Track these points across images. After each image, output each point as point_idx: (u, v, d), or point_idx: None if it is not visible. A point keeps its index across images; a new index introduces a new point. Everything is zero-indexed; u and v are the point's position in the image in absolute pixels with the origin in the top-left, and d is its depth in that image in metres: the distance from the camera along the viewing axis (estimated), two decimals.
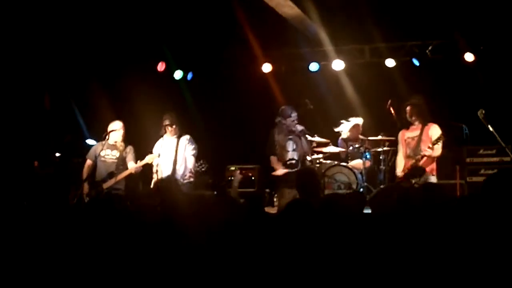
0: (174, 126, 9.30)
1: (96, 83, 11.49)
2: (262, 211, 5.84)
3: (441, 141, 8.28)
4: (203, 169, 9.21)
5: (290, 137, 9.30)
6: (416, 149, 8.50)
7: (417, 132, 8.60)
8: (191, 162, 9.28)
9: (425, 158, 8.38)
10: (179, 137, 9.34)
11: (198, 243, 4.00)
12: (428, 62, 11.03)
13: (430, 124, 8.58)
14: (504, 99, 10.27)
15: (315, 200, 4.85)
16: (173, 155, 9.24)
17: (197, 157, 9.32)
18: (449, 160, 9.68)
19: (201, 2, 10.02)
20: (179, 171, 9.22)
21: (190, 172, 9.14)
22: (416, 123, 8.65)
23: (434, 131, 8.48)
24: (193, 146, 9.36)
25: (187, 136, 9.40)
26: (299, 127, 9.30)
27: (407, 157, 8.65)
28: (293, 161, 9.23)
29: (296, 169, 8.99)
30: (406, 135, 8.74)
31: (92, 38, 11.06)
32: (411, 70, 11.08)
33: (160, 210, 5.19)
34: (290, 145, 9.32)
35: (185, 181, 9.12)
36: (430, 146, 8.27)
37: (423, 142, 8.48)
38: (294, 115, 9.23)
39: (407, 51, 11.21)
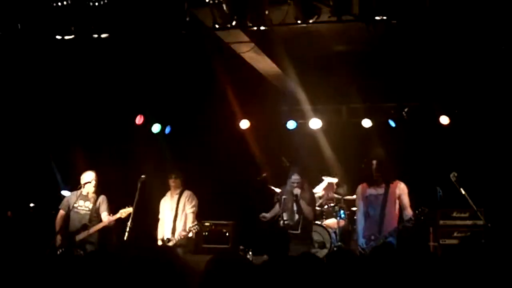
0: (177, 180, 9.59)
1: (72, 134, 11.45)
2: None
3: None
4: (196, 230, 9.28)
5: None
6: (382, 209, 7.79)
7: (381, 190, 7.89)
8: (190, 219, 9.43)
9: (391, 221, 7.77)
10: (180, 193, 9.52)
11: None
12: (404, 123, 11.13)
13: (396, 182, 7.96)
14: (477, 162, 10.38)
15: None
16: (174, 212, 9.46)
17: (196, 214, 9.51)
18: (423, 222, 9.69)
19: (180, 56, 10.09)
20: (178, 227, 9.38)
21: (187, 230, 9.23)
22: (380, 180, 7.95)
23: (401, 189, 7.91)
24: (193, 203, 9.52)
25: (189, 192, 9.59)
26: (296, 191, 8.59)
27: (369, 216, 7.90)
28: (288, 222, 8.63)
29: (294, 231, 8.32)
30: (368, 192, 7.99)
31: (70, 89, 11.08)
32: (387, 130, 11.18)
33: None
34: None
35: (180, 241, 9.18)
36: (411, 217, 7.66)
37: (389, 202, 7.82)
38: (294, 177, 8.61)
39: (383, 112, 11.34)
